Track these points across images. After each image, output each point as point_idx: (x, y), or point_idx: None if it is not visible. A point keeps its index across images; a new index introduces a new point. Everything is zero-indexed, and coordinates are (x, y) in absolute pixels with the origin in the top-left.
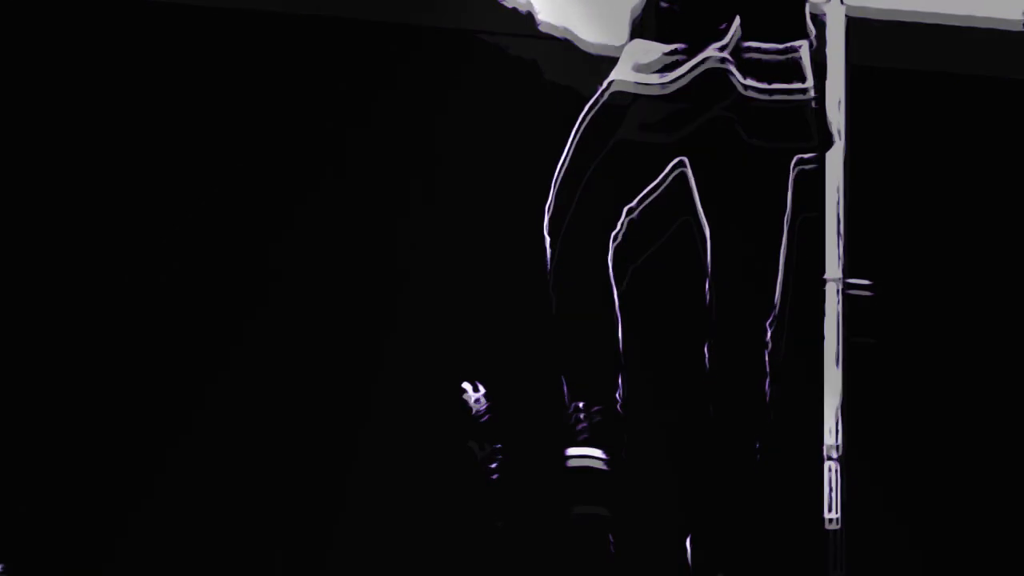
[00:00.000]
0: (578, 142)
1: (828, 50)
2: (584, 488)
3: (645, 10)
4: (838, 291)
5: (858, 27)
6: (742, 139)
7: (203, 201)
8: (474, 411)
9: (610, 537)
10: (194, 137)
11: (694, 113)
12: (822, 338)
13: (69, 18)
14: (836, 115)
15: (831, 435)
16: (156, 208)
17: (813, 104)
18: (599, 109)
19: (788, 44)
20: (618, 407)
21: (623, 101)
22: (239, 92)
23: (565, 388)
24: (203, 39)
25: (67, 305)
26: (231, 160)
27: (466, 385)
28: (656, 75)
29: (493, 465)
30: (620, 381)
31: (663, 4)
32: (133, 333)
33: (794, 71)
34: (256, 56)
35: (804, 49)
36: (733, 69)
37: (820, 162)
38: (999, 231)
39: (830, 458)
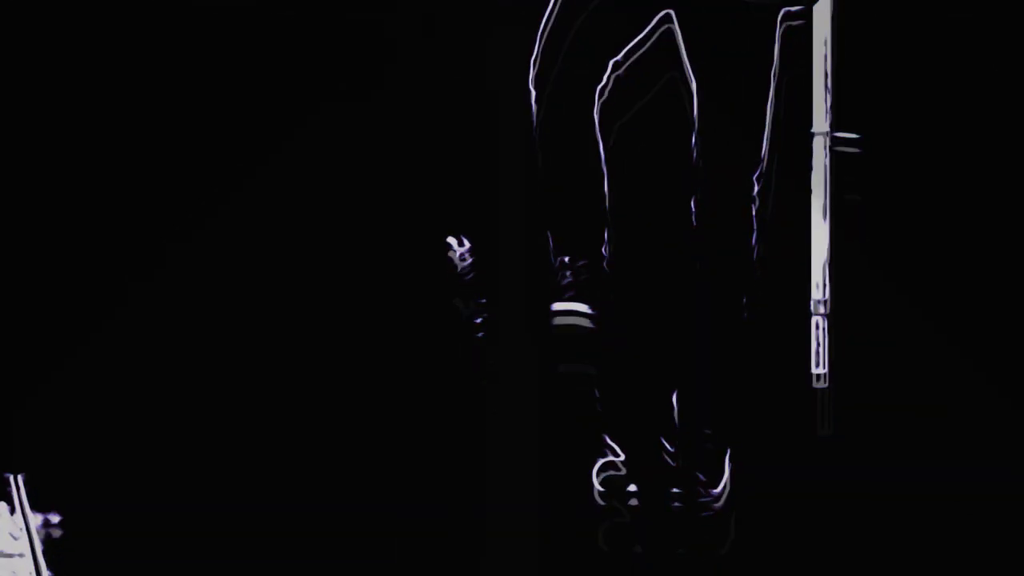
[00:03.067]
0: None
1: None
2: (570, 345)
3: None
4: (826, 145)
5: None
6: None
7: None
8: (459, 267)
9: (596, 393)
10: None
11: None
12: (810, 192)
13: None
14: None
15: (818, 290)
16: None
17: None
18: None
19: None
20: (604, 263)
21: None
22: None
23: (551, 243)
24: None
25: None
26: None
27: (451, 240)
28: None
29: (478, 321)
30: (606, 236)
31: None
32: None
33: None
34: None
35: None
36: None
37: (808, 16)
38: (989, 80)
39: (817, 313)
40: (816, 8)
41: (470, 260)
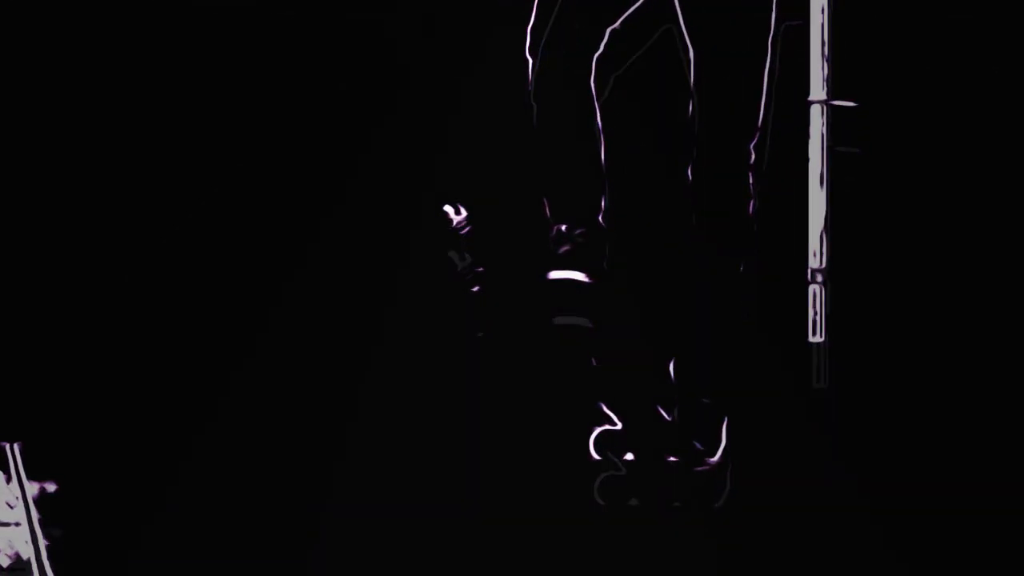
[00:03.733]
0: None
1: None
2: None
3: None
4: (822, 112)
5: None
6: None
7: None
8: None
9: (593, 361)
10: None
11: None
12: (806, 159)
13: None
14: None
15: (815, 258)
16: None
17: None
18: None
19: None
20: (601, 229)
21: None
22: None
23: (547, 210)
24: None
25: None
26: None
27: (448, 208)
28: None
29: (471, 277)
30: (603, 202)
31: None
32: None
33: None
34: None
35: None
36: None
37: None
38: (987, 46)
39: (814, 281)
40: None
41: (467, 228)
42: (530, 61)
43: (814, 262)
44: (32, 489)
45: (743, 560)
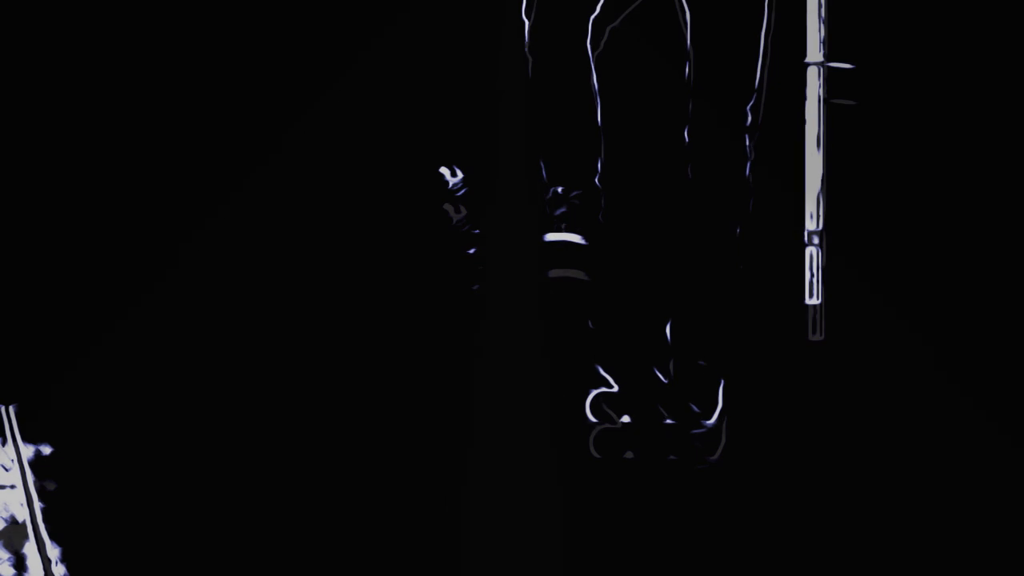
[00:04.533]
0: None
1: None
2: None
3: None
4: (819, 75)
5: None
6: None
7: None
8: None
9: (590, 323)
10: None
11: None
12: (803, 122)
13: None
14: None
15: (812, 220)
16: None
17: None
18: None
19: None
20: (597, 191)
21: None
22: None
23: (544, 172)
24: None
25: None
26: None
27: (443, 170)
28: None
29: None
30: (599, 165)
31: None
32: None
33: None
34: None
35: None
36: None
37: None
38: (986, 6)
39: (811, 243)
40: None
41: (464, 190)
42: (526, 23)
43: (811, 224)
44: (27, 452)
45: (738, 516)
